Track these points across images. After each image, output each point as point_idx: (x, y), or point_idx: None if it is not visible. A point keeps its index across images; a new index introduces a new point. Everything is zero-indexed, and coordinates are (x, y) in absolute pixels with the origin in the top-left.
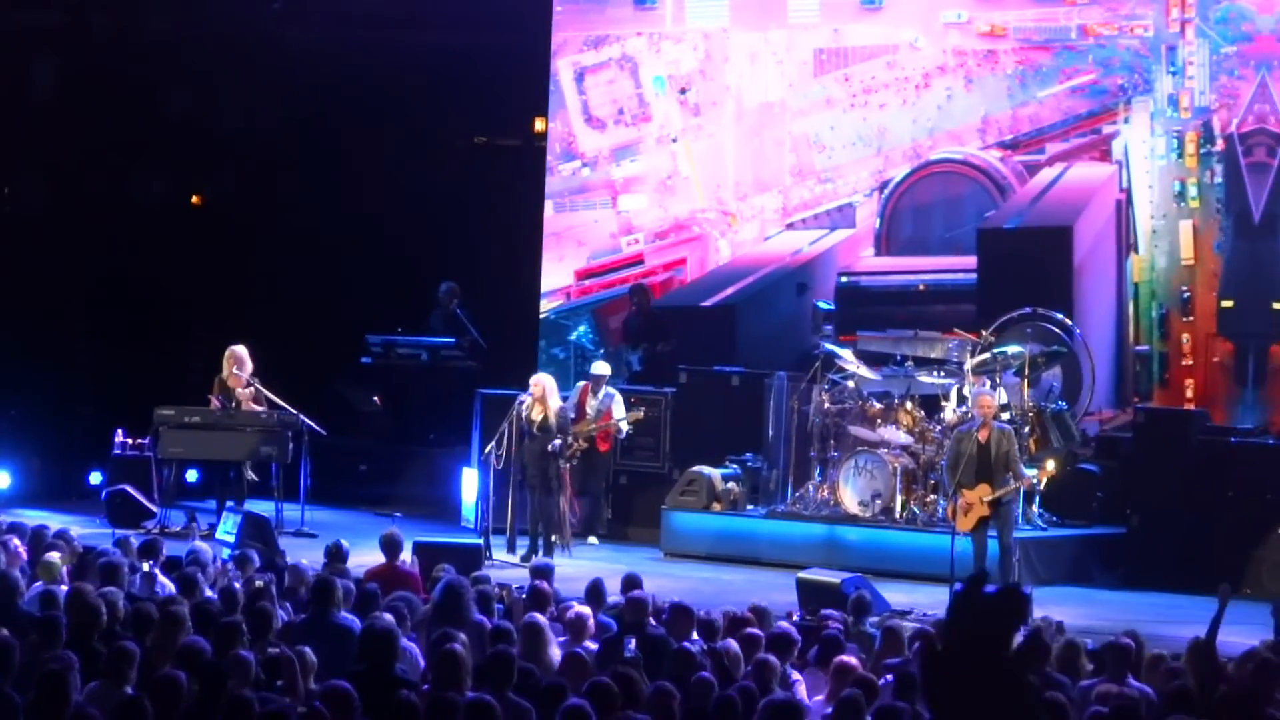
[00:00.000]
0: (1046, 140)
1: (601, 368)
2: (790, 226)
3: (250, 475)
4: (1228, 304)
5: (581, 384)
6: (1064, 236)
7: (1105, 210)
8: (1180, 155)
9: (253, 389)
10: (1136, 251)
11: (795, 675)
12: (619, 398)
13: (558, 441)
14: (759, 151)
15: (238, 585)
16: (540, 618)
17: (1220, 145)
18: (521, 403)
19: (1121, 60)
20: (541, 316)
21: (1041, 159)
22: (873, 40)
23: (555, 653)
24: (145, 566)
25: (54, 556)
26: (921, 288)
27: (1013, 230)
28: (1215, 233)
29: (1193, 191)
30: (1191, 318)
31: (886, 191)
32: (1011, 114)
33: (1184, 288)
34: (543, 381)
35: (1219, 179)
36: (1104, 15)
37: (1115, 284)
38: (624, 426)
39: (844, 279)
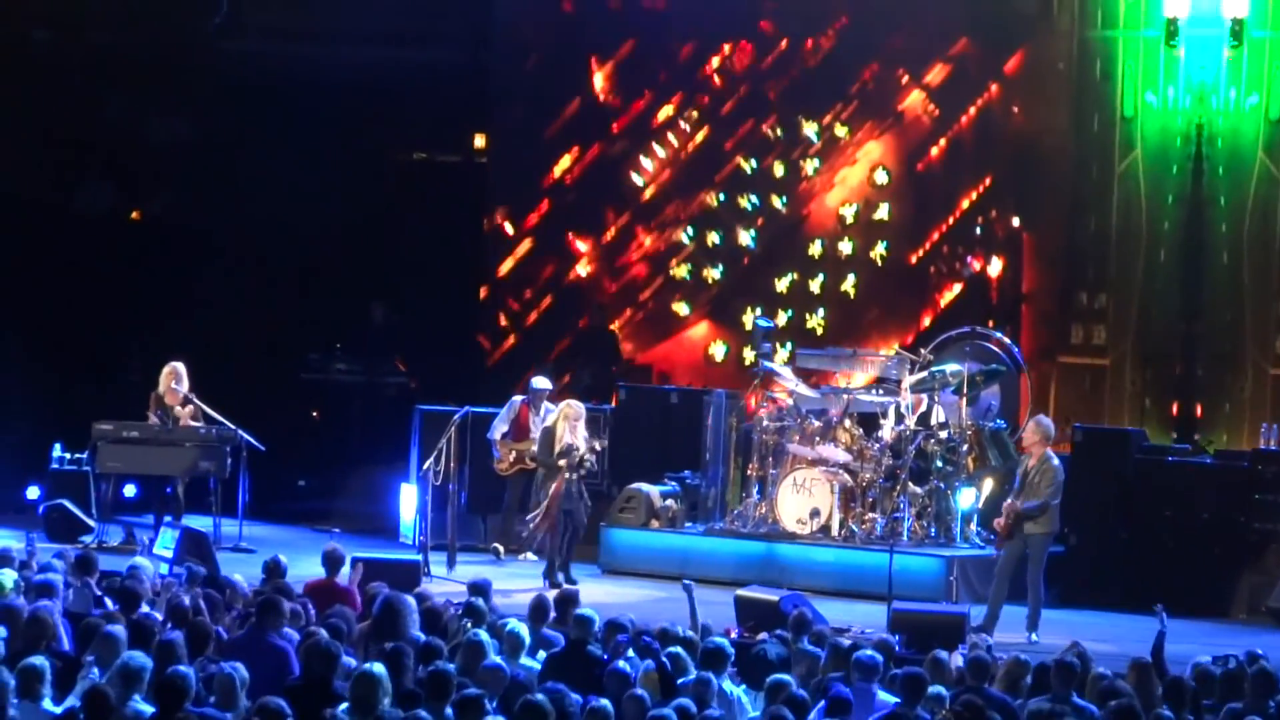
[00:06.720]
0: None
1: (542, 383)
2: None
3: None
4: None
5: (519, 399)
6: None
7: None
8: None
9: (191, 405)
10: None
11: (737, 693)
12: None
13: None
14: None
15: (185, 601)
16: (484, 635)
17: None
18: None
19: None
20: None
21: None
22: None
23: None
24: (79, 582)
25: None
26: None
27: None
28: None
29: None
30: None
31: None
32: None
33: None
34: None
35: None
36: None
37: None
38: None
39: None
